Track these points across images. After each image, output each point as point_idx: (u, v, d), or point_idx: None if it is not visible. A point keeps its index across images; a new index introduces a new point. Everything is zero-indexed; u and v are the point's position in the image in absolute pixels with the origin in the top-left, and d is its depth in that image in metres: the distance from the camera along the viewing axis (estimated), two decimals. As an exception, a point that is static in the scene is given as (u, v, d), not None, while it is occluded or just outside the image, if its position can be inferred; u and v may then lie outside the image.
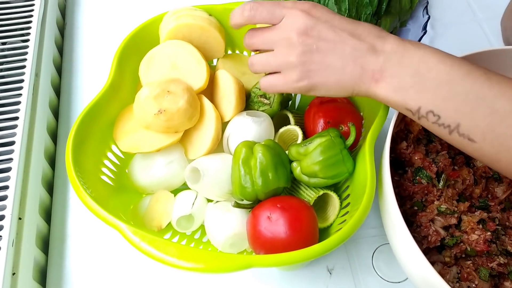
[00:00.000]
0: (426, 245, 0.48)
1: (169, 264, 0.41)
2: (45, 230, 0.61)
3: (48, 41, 0.72)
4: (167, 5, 0.67)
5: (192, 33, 0.57)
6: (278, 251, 0.45)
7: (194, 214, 0.53)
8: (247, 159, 0.50)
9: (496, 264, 0.47)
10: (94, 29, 0.81)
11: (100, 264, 0.58)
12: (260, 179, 0.49)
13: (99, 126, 0.54)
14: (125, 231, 0.43)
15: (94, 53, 0.77)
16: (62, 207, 0.62)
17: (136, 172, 0.57)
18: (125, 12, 0.83)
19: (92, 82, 0.74)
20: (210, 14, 0.59)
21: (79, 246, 0.60)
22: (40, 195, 0.60)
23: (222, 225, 0.52)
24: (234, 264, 0.41)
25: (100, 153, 0.55)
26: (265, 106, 0.58)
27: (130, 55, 0.58)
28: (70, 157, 0.47)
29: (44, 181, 0.62)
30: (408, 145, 0.53)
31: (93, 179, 0.52)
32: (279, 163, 0.50)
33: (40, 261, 0.58)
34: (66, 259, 0.59)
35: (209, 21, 0.58)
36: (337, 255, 0.58)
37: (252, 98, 0.59)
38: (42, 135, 0.64)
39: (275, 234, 0.48)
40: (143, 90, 0.53)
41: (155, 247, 0.42)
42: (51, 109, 0.69)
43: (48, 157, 0.65)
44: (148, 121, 0.52)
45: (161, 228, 0.54)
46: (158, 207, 0.54)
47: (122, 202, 0.56)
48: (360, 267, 0.58)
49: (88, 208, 0.45)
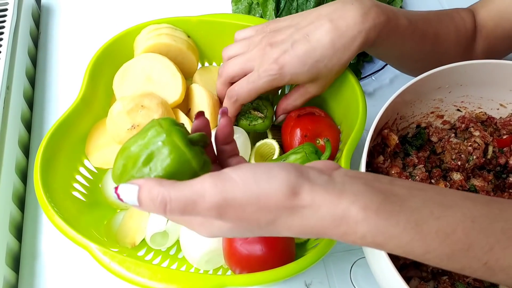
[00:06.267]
0: (403, 260, 0.48)
1: (140, 285, 0.40)
2: (16, 247, 0.59)
3: (21, 51, 0.71)
4: (143, 16, 0.66)
5: (169, 52, 0.57)
6: (254, 268, 0.45)
7: (169, 230, 0.52)
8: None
9: (473, 279, 0.47)
10: (69, 39, 0.79)
11: (74, 283, 0.57)
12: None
13: (70, 141, 0.52)
14: (94, 251, 0.42)
15: (69, 63, 0.76)
16: (34, 223, 0.61)
17: (110, 187, 0.55)
18: (102, 22, 0.81)
19: (66, 93, 0.72)
20: (189, 36, 0.60)
21: (52, 264, 0.58)
22: (11, 211, 0.58)
23: (197, 242, 0.51)
24: (207, 284, 0.40)
25: (72, 169, 0.54)
26: (259, 120, 0.57)
27: (103, 67, 0.56)
28: (39, 174, 0.46)
29: (15, 196, 0.60)
30: (385, 159, 0.53)
31: (64, 195, 0.50)
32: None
33: (10, 280, 0.56)
34: (38, 278, 0.57)
35: (187, 44, 0.59)
36: (315, 269, 0.58)
37: (242, 113, 0.57)
38: (14, 149, 0.62)
39: (251, 252, 0.47)
40: (116, 105, 0.52)
41: (125, 267, 0.41)
42: (24, 122, 0.67)
43: (19, 172, 0.63)
44: (122, 136, 0.51)
45: (135, 244, 0.53)
46: (132, 223, 0.53)
47: (95, 218, 0.54)
48: (338, 281, 0.57)
49: (56, 227, 0.43)
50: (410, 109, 0.54)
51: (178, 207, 0.31)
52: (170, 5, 0.83)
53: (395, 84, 0.74)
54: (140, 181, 0.32)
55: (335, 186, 0.32)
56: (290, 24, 0.51)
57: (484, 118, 0.56)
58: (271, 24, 0.53)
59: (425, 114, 0.56)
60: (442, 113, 0.57)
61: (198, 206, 0.31)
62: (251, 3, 0.73)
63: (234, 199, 0.31)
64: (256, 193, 0.31)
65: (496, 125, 0.56)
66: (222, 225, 0.33)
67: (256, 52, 0.51)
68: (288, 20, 0.52)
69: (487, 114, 0.56)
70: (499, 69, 0.51)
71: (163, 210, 0.32)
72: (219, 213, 0.32)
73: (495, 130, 0.55)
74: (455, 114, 0.57)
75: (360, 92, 0.53)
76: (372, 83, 0.74)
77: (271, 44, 0.50)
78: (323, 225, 0.32)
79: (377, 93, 0.73)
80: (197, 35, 0.61)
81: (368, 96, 0.72)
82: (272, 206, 0.31)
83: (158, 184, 0.32)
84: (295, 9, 0.70)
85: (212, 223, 0.33)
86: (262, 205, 0.31)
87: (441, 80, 0.52)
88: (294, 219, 0.32)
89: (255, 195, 0.31)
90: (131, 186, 0.32)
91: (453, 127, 0.57)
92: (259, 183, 0.32)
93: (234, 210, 0.31)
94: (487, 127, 0.56)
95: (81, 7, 0.83)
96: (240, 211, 0.32)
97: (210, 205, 0.31)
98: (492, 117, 0.56)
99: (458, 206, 0.33)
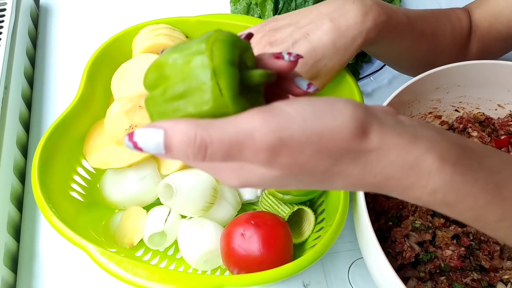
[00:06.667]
0: (401, 261, 0.48)
1: (137, 285, 0.40)
2: (14, 248, 0.59)
3: (19, 52, 0.70)
4: (141, 17, 0.66)
5: None
6: (252, 269, 0.45)
7: (167, 230, 0.52)
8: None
9: (470, 279, 0.47)
10: (68, 39, 0.79)
11: (72, 283, 0.56)
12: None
13: (68, 141, 0.52)
14: (92, 251, 0.42)
15: (68, 64, 0.76)
16: (32, 224, 0.61)
17: (108, 187, 0.55)
18: (100, 22, 0.81)
19: (65, 94, 0.72)
20: (187, 36, 0.60)
21: (50, 264, 0.58)
22: (9, 211, 0.58)
23: (195, 242, 0.51)
24: (204, 285, 0.40)
25: (70, 169, 0.54)
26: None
27: (101, 67, 0.56)
28: (36, 175, 0.46)
29: (13, 196, 0.60)
30: (383, 159, 0.53)
31: (62, 196, 0.50)
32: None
33: (9, 281, 0.56)
34: (36, 278, 0.57)
35: None
36: (313, 269, 0.58)
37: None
38: (12, 149, 0.62)
39: (248, 252, 0.47)
40: (114, 105, 0.52)
41: (123, 268, 0.41)
42: (22, 122, 0.67)
43: (17, 172, 0.63)
44: (119, 137, 0.51)
45: (133, 245, 0.52)
46: (130, 224, 0.53)
47: (93, 218, 0.54)
48: (336, 281, 0.57)
49: (53, 227, 0.43)
50: (408, 109, 0.54)
51: (221, 150, 0.26)
52: (169, 6, 0.83)
53: (394, 85, 0.74)
54: (167, 123, 0.26)
55: (407, 129, 0.28)
56: (289, 22, 0.50)
57: (482, 118, 0.56)
58: (270, 23, 0.52)
59: (423, 115, 0.56)
60: (440, 113, 0.57)
61: (245, 149, 0.26)
62: (249, 4, 0.73)
63: (291, 138, 0.26)
64: (318, 131, 0.26)
65: (494, 126, 0.56)
66: (265, 173, 0.28)
67: (256, 51, 0.51)
68: (287, 18, 0.51)
69: (485, 114, 0.56)
70: (497, 69, 0.51)
71: (202, 156, 0.26)
72: (270, 156, 0.26)
73: (493, 131, 0.55)
74: (453, 114, 0.57)
75: (358, 93, 0.53)
76: (371, 83, 0.74)
77: (271, 43, 0.49)
78: (388, 174, 0.27)
79: (375, 94, 0.73)
80: (196, 35, 0.60)
81: (366, 97, 0.72)
82: (334, 148, 0.26)
83: (193, 124, 0.26)
84: (293, 9, 0.70)
85: (253, 169, 0.28)
86: (323, 146, 0.26)
87: (439, 80, 0.52)
88: (356, 166, 0.27)
89: (316, 134, 0.26)
90: (155, 130, 0.26)
91: (451, 128, 0.57)
92: (322, 119, 0.26)
93: (290, 153, 0.26)
94: (485, 127, 0.56)
95: (79, 8, 0.83)
96: (297, 153, 0.26)
97: (261, 147, 0.26)
98: (490, 118, 0.56)
99: None
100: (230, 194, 0.55)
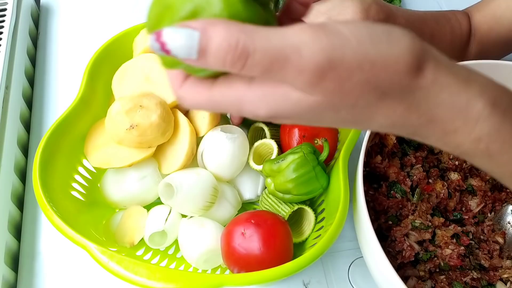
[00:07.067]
0: (401, 260, 0.48)
1: (138, 284, 0.40)
2: (15, 246, 0.59)
3: (20, 51, 0.71)
4: (142, 17, 0.66)
5: None
6: (252, 268, 0.45)
7: (167, 230, 0.52)
8: None
9: (470, 278, 0.47)
10: (69, 39, 0.79)
11: (73, 282, 0.57)
12: None
13: (69, 141, 0.52)
14: (93, 250, 0.42)
15: (69, 63, 0.76)
16: (33, 223, 0.61)
17: (109, 186, 0.55)
18: (101, 22, 0.81)
19: (66, 93, 0.72)
20: None
21: (51, 263, 0.58)
22: (10, 210, 0.58)
23: (196, 241, 0.51)
24: (205, 284, 0.41)
25: (71, 169, 0.54)
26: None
27: (102, 67, 0.57)
28: (37, 174, 0.46)
29: (14, 196, 0.61)
30: (383, 158, 0.53)
31: (63, 195, 0.50)
32: None
33: (9, 279, 0.56)
34: (37, 277, 0.57)
35: None
36: (313, 268, 0.58)
37: None
38: (12, 149, 0.62)
39: (249, 251, 0.47)
40: (115, 105, 0.52)
41: (124, 267, 0.41)
42: (22, 122, 0.67)
43: (18, 172, 0.63)
44: (120, 136, 0.51)
45: (133, 244, 0.53)
46: (131, 223, 0.53)
47: (94, 217, 0.54)
48: (336, 280, 0.57)
49: (54, 226, 0.44)
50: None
51: (263, 62, 0.23)
52: (169, 5, 0.83)
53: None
54: (202, 24, 0.23)
55: (460, 70, 0.26)
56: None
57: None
58: None
59: (423, 114, 0.56)
60: (440, 113, 0.57)
61: (289, 65, 0.23)
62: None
63: (341, 61, 0.23)
64: (372, 58, 0.24)
65: (493, 125, 0.56)
66: (301, 100, 0.25)
67: None
68: None
69: (484, 114, 0.56)
70: (497, 69, 0.51)
71: (242, 64, 0.23)
72: (315, 78, 0.23)
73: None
74: (453, 114, 0.57)
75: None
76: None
77: None
78: (434, 115, 0.25)
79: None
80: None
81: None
82: (385, 79, 0.24)
83: (236, 29, 0.23)
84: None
85: (287, 94, 0.25)
86: (374, 75, 0.24)
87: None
88: (401, 103, 0.25)
89: (369, 60, 0.24)
90: (189, 31, 0.23)
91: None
92: (378, 45, 0.24)
93: (337, 77, 0.23)
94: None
95: (80, 8, 0.83)
96: (344, 79, 0.23)
97: (307, 65, 0.23)
98: (489, 117, 0.56)
99: None
100: (230, 193, 0.55)
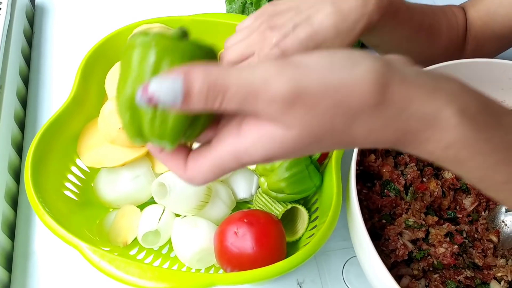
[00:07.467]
0: (394, 258, 0.48)
1: (130, 284, 0.40)
2: (9, 246, 0.59)
3: (14, 51, 0.70)
4: (135, 16, 0.66)
5: None
6: (245, 267, 0.45)
7: (161, 229, 0.52)
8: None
9: (464, 277, 0.47)
10: (63, 39, 0.79)
11: (67, 282, 0.56)
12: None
13: (62, 140, 0.52)
14: (85, 249, 0.42)
15: (63, 63, 0.76)
16: (27, 222, 0.61)
17: (102, 186, 0.55)
18: (96, 21, 0.81)
19: (60, 93, 0.72)
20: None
21: (45, 263, 0.58)
22: (3, 210, 0.58)
23: (189, 241, 0.51)
24: (197, 283, 0.41)
25: (64, 168, 0.54)
26: None
27: (95, 67, 0.56)
28: (29, 174, 0.46)
29: (8, 195, 0.60)
30: (377, 157, 0.53)
31: (55, 195, 0.50)
32: None
33: (3, 279, 0.56)
34: (30, 277, 0.57)
35: None
36: (307, 268, 0.58)
37: None
38: (6, 148, 0.62)
39: (241, 250, 0.47)
40: (108, 104, 0.52)
41: (115, 266, 0.41)
42: (17, 121, 0.67)
43: (12, 171, 0.63)
44: (113, 136, 0.51)
45: (127, 243, 0.53)
46: (124, 222, 0.53)
47: (87, 217, 0.54)
48: (330, 280, 0.57)
49: (46, 226, 0.43)
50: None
51: (238, 94, 0.24)
52: (163, 5, 0.83)
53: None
54: (183, 69, 0.24)
55: (427, 80, 0.26)
56: (289, 7, 0.49)
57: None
58: (270, 8, 0.50)
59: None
60: (434, 111, 0.57)
61: (260, 95, 0.24)
62: (244, 3, 0.73)
63: (306, 89, 0.24)
64: (335, 84, 0.25)
65: (487, 124, 0.56)
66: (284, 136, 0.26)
67: (256, 36, 0.49)
68: (287, 3, 0.50)
69: (478, 112, 0.56)
70: (491, 68, 0.51)
71: (221, 99, 0.24)
72: (286, 104, 0.24)
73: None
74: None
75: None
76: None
77: (271, 28, 0.48)
78: (407, 128, 0.26)
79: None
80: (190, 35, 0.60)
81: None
82: (353, 103, 0.25)
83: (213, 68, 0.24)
84: (288, 8, 0.70)
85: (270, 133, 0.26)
86: (340, 100, 0.25)
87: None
88: (376, 120, 0.26)
89: (333, 86, 0.24)
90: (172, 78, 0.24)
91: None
92: (339, 72, 0.25)
93: (306, 102, 0.24)
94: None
95: (75, 7, 0.83)
96: (313, 104, 0.24)
97: (275, 95, 0.24)
98: (483, 116, 0.56)
99: None
100: (224, 192, 0.55)
